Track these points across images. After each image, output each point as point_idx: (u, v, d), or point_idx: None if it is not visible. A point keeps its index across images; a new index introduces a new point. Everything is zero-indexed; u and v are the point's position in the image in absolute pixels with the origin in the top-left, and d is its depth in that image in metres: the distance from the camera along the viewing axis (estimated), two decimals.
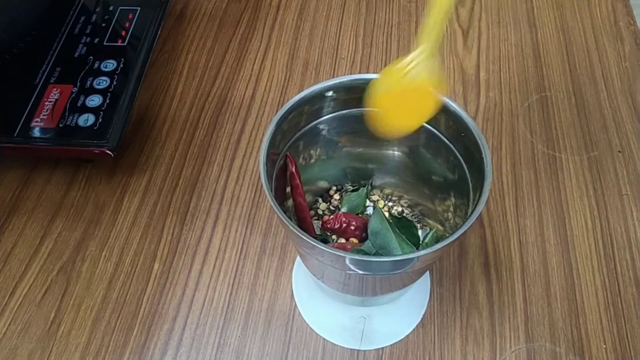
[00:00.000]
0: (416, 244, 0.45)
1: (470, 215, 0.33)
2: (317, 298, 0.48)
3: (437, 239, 0.44)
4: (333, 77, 0.39)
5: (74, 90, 0.55)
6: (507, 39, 0.68)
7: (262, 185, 0.34)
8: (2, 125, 0.52)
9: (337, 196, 0.49)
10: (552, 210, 0.53)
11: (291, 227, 0.32)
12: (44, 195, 0.55)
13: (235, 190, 0.55)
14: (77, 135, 0.52)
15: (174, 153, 0.58)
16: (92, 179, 0.56)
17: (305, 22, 0.70)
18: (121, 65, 0.57)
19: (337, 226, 0.46)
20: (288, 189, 0.42)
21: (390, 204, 0.49)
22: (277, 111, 0.38)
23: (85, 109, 0.54)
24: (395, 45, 0.67)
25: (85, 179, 0.56)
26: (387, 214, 0.48)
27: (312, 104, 0.39)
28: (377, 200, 0.49)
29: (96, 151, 0.51)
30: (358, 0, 0.73)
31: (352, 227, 0.45)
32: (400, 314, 0.47)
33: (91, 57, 0.58)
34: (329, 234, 0.47)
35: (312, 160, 0.44)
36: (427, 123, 0.40)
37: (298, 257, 0.50)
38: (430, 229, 0.46)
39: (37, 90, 0.55)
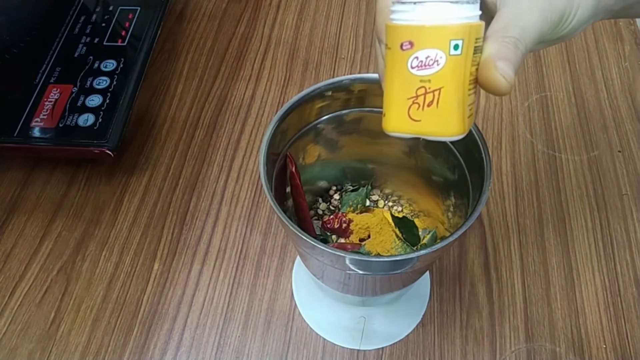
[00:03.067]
0: (416, 244, 0.45)
1: (470, 215, 0.33)
2: (317, 298, 0.48)
3: (437, 239, 0.44)
4: (333, 77, 0.39)
5: (74, 90, 0.55)
6: None
7: (262, 185, 0.34)
8: (2, 125, 0.52)
9: (337, 196, 0.49)
10: (552, 210, 0.53)
11: (291, 227, 0.32)
12: (44, 195, 0.55)
13: (235, 190, 0.55)
14: (77, 135, 0.52)
15: (174, 153, 0.58)
16: (92, 179, 0.56)
17: (305, 22, 0.70)
18: (121, 65, 0.57)
19: (337, 226, 0.46)
20: (288, 189, 0.42)
21: (390, 203, 0.49)
22: (277, 111, 0.38)
23: (85, 109, 0.54)
24: None
25: (85, 179, 0.56)
26: (388, 214, 0.48)
27: (312, 104, 0.39)
28: (377, 200, 0.49)
29: (96, 151, 0.51)
30: (358, 0, 0.73)
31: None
32: (400, 314, 0.47)
33: (91, 57, 0.58)
34: (329, 234, 0.47)
35: (312, 160, 0.44)
36: None
37: (298, 257, 0.50)
38: (430, 229, 0.46)
39: (37, 90, 0.55)
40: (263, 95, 0.63)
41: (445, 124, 0.26)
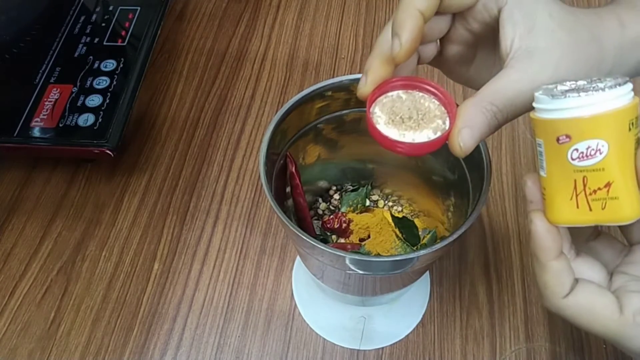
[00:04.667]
0: (416, 244, 0.45)
1: (470, 215, 0.33)
2: (317, 298, 0.48)
3: (437, 239, 0.44)
4: (333, 77, 0.39)
5: (74, 90, 0.55)
6: None
7: (262, 185, 0.34)
8: (2, 125, 0.52)
9: (337, 196, 0.49)
10: None
11: (291, 227, 0.32)
12: (44, 195, 0.55)
13: (235, 190, 0.55)
14: (77, 135, 0.52)
15: (174, 153, 0.58)
16: (92, 179, 0.56)
17: (305, 22, 0.70)
18: (121, 65, 0.57)
19: (337, 226, 0.46)
20: (288, 189, 0.42)
21: (390, 203, 0.49)
22: (277, 111, 0.38)
23: (85, 109, 0.54)
24: None
25: (85, 179, 0.56)
26: (388, 214, 0.48)
27: (312, 104, 0.39)
28: (377, 200, 0.49)
29: (96, 151, 0.51)
30: (358, 0, 0.73)
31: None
32: (400, 314, 0.47)
33: (91, 57, 0.58)
34: (329, 234, 0.47)
35: (312, 160, 0.44)
36: None
37: (298, 257, 0.50)
38: (430, 229, 0.46)
39: (37, 90, 0.55)
40: (263, 95, 0.63)
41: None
